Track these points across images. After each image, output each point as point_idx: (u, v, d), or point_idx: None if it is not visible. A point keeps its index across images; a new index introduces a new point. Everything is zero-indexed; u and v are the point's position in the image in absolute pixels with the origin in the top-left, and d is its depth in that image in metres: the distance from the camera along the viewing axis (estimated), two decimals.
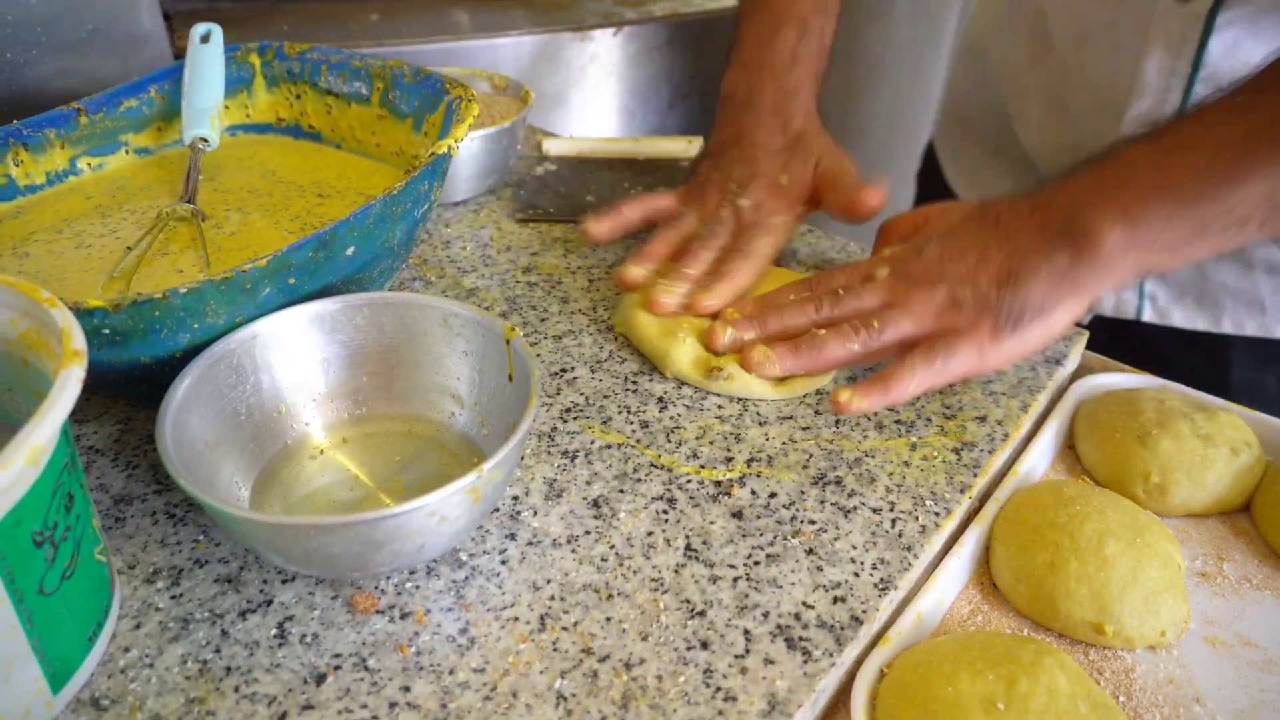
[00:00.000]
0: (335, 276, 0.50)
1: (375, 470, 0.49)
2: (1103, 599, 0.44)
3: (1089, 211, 0.50)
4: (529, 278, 0.66)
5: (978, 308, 0.51)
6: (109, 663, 0.39)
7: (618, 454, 0.51)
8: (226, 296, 0.45)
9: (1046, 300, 0.51)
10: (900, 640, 0.43)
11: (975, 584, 0.48)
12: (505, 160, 0.76)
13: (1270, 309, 0.69)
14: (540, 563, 0.45)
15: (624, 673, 0.40)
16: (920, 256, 0.54)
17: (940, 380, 0.52)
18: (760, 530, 0.47)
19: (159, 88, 0.66)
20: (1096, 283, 0.50)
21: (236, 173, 0.65)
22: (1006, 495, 0.50)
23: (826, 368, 0.54)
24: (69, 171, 0.63)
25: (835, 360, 0.53)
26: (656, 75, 1.11)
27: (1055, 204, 0.51)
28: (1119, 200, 0.49)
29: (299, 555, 0.40)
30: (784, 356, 0.54)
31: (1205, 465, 0.51)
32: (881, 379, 0.52)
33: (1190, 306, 0.72)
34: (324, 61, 0.67)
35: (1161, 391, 0.56)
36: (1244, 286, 0.69)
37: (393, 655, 0.40)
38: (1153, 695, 0.42)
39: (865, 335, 0.53)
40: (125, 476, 0.49)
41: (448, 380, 0.51)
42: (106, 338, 0.43)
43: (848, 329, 0.53)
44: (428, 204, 0.55)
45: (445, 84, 0.62)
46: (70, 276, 0.54)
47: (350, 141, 0.68)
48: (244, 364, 0.47)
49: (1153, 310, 0.73)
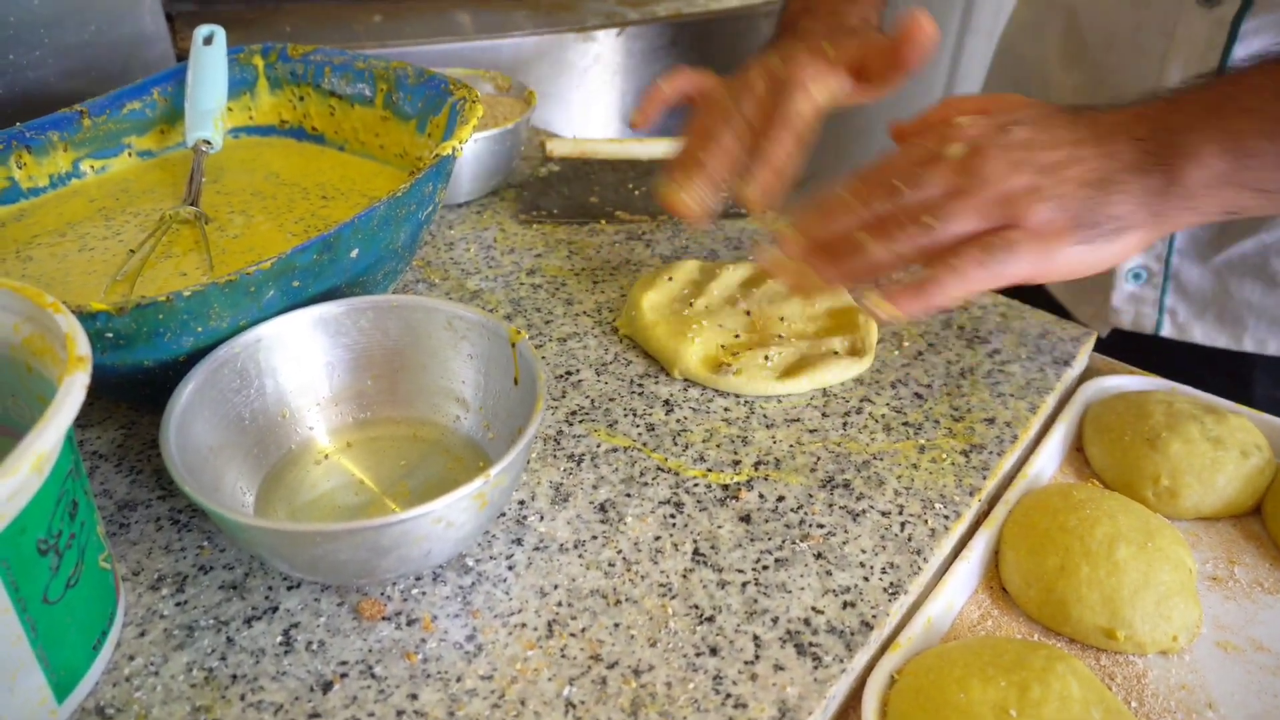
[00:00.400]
0: (339, 279, 0.50)
1: (380, 475, 0.49)
2: (1114, 603, 0.44)
3: (1195, 133, 0.45)
4: (533, 280, 0.66)
5: (1058, 203, 0.45)
6: (114, 671, 0.39)
7: (624, 457, 0.51)
8: (230, 299, 0.45)
9: (1129, 219, 0.46)
10: (910, 646, 0.42)
11: (985, 588, 0.47)
12: (509, 162, 0.76)
13: None
14: (547, 568, 0.45)
15: (633, 679, 0.40)
16: (1005, 135, 0.46)
17: (992, 283, 0.45)
18: (769, 534, 0.47)
19: (162, 90, 0.66)
20: (1180, 214, 0.46)
21: (240, 175, 0.65)
22: (1015, 498, 0.50)
23: (868, 275, 0.47)
24: (72, 174, 0.62)
25: (878, 264, 0.47)
26: (661, 75, 1.10)
27: (1161, 118, 0.46)
28: (1231, 126, 0.45)
29: (304, 562, 0.39)
30: (823, 267, 0.48)
31: (1215, 468, 0.50)
32: (919, 283, 0.45)
33: (1211, 323, 0.70)
34: (327, 63, 0.67)
35: (1170, 394, 0.55)
36: (1269, 304, 0.67)
37: (400, 662, 0.40)
38: (1165, 701, 0.42)
39: (915, 232, 0.45)
40: (129, 482, 0.49)
41: (453, 384, 0.50)
42: (110, 341, 0.43)
43: (894, 229, 0.46)
44: (432, 206, 0.55)
45: (449, 85, 0.62)
46: (73, 280, 0.53)
47: (354, 143, 0.67)
48: (248, 368, 0.47)
49: (1172, 325, 0.72)
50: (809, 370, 0.55)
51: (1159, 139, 0.46)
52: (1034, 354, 0.59)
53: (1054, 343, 0.60)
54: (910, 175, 0.47)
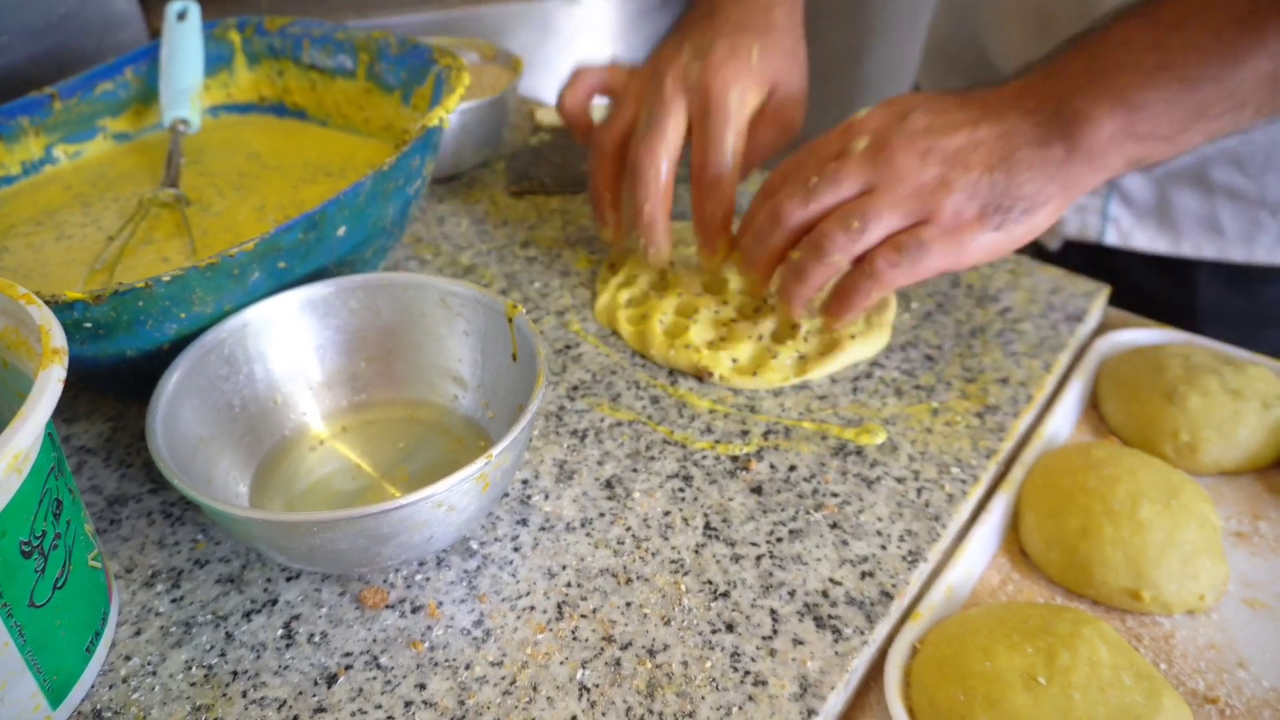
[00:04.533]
0: (327, 259, 0.48)
1: (378, 459, 0.47)
2: (1139, 564, 0.42)
3: (1082, 97, 0.46)
4: (528, 252, 0.64)
5: (968, 194, 0.47)
6: (110, 672, 0.38)
7: (629, 431, 0.49)
8: (213, 283, 0.43)
9: (1039, 195, 0.47)
10: (931, 614, 0.41)
11: (1005, 552, 0.46)
12: (497, 132, 0.74)
13: (1228, 233, 0.68)
14: (554, 548, 0.43)
15: (648, 660, 0.38)
16: (904, 124, 0.48)
17: (909, 281, 0.48)
18: (781, 505, 0.45)
19: (135, 69, 0.64)
20: (1087, 177, 0.47)
21: (220, 155, 0.63)
22: (1033, 459, 0.49)
23: (816, 289, 0.50)
24: (45, 160, 0.60)
25: (821, 280, 0.49)
26: (653, 39, 1.08)
27: (1046, 89, 0.47)
28: (1115, 84, 0.46)
29: (302, 552, 0.38)
30: (783, 295, 0.51)
31: (1237, 421, 0.49)
32: (841, 292, 0.49)
33: (1152, 229, 0.71)
34: (306, 35, 0.64)
35: (1187, 347, 0.54)
36: (1204, 211, 0.67)
37: (406, 652, 0.39)
38: (1194, 661, 0.41)
39: (844, 241, 0.47)
40: (119, 476, 0.47)
41: (449, 362, 0.49)
42: (89, 331, 0.41)
43: (824, 241, 0.48)
44: (420, 179, 0.53)
45: (433, 54, 0.59)
46: (51, 270, 0.51)
47: (337, 118, 0.65)
48: (236, 354, 0.45)
49: (1116, 233, 0.72)
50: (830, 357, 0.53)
51: (1048, 110, 0.47)
52: (1046, 310, 0.58)
53: (1066, 298, 0.58)
54: (823, 172, 0.49)
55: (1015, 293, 0.59)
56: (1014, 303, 0.58)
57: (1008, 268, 0.61)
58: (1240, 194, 0.66)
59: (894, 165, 0.47)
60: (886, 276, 0.47)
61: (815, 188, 0.49)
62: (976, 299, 0.59)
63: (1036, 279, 0.60)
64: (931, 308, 0.58)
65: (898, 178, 0.47)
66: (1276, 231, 0.67)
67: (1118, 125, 0.45)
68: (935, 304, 0.58)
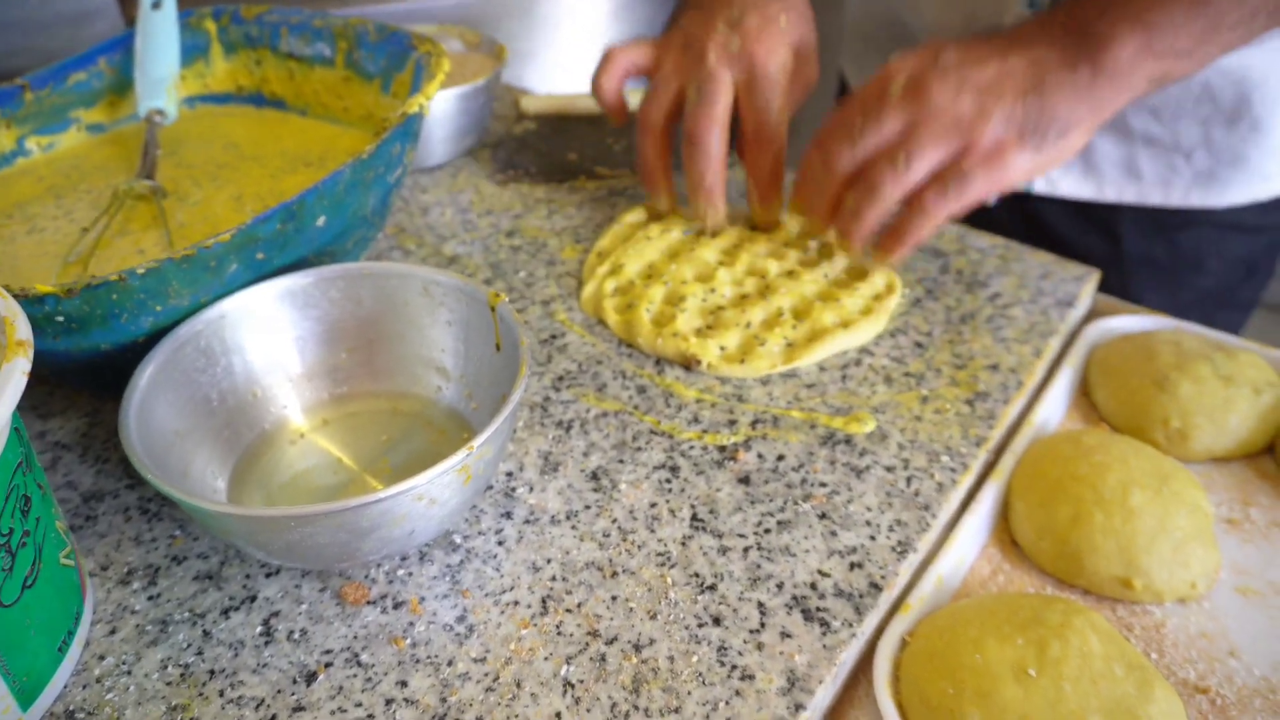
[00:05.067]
0: (306, 249, 0.47)
1: (360, 452, 0.46)
2: (1130, 552, 0.42)
3: (1103, 20, 0.49)
4: (512, 241, 0.63)
5: (1004, 120, 0.49)
6: (83, 672, 0.37)
7: (615, 422, 0.49)
8: (189, 275, 0.42)
9: (1070, 116, 0.50)
10: (921, 606, 0.41)
11: (995, 542, 0.46)
12: (481, 120, 0.73)
13: (1146, 177, 0.71)
14: (539, 542, 0.42)
15: (633, 655, 0.38)
16: (937, 63, 0.51)
17: (958, 210, 0.51)
18: (769, 496, 0.45)
19: (109, 59, 0.62)
20: (1114, 97, 0.50)
21: (198, 146, 0.62)
22: (1023, 447, 0.48)
23: (873, 228, 0.53)
24: (17, 152, 0.59)
25: (876, 218, 0.52)
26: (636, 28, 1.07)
27: (1068, 18, 0.50)
28: (1132, 6, 0.49)
29: (281, 548, 0.37)
30: (843, 235, 0.54)
31: (1227, 407, 0.49)
32: (895, 229, 0.52)
33: (1077, 176, 0.73)
34: (283, 23, 0.63)
35: (1177, 333, 0.53)
36: (1123, 157, 0.71)
37: (387, 648, 0.38)
38: (1185, 650, 0.40)
39: (893, 178, 0.50)
40: (94, 472, 0.46)
41: (431, 352, 0.48)
42: (62, 325, 0.40)
43: (875, 180, 0.51)
44: (401, 168, 0.52)
45: (412, 40, 0.58)
46: (22, 264, 0.50)
47: (316, 107, 0.64)
48: (212, 346, 0.44)
49: (1044, 181, 0.74)
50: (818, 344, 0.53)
51: (1072, 36, 0.50)
52: (1036, 296, 0.57)
53: (1056, 283, 0.58)
54: (866, 115, 0.51)
55: (1005, 278, 0.59)
56: (1004, 288, 0.58)
57: (998, 253, 0.61)
58: (1156, 140, 0.69)
59: (931, 101, 0.50)
60: (936, 208, 0.50)
61: (860, 130, 0.51)
62: (966, 284, 0.58)
63: (1026, 264, 0.60)
64: (921, 294, 0.58)
65: (936, 112, 0.49)
66: (1190, 175, 0.70)
67: (1138, 44, 0.49)
68: (925, 290, 0.58)
